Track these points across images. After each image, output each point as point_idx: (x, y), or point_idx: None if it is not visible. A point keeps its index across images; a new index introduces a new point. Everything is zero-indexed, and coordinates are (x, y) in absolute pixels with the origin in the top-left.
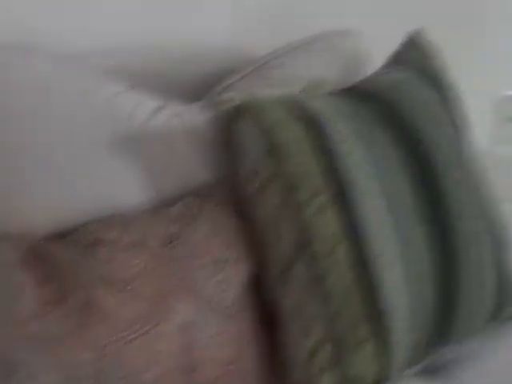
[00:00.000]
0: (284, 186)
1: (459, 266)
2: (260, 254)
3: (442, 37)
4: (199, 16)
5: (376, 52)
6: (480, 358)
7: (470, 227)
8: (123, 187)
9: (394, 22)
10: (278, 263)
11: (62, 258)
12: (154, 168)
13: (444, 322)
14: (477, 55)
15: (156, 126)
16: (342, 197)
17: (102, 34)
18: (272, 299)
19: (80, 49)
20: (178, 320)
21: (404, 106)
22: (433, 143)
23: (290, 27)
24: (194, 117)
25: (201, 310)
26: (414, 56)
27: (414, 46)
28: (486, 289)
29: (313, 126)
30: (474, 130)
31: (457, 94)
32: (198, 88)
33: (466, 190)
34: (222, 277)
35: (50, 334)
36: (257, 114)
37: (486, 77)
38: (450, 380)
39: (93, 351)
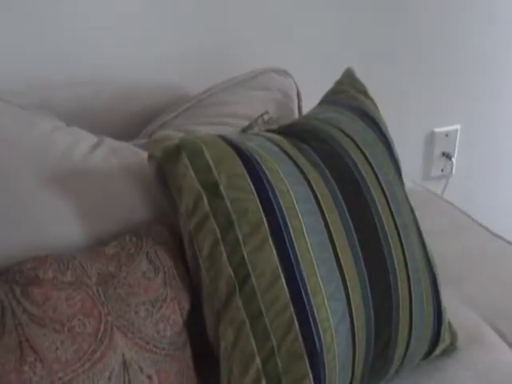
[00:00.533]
0: (222, 223)
1: (398, 303)
2: (198, 292)
3: (373, 75)
4: (131, 52)
5: (307, 91)
6: None
7: (409, 264)
8: (60, 225)
9: (324, 61)
10: (216, 301)
11: None
12: (91, 205)
13: (381, 359)
14: (408, 93)
15: (93, 163)
16: (280, 234)
17: (32, 72)
18: (210, 336)
19: (7, 86)
20: (117, 360)
21: (340, 145)
22: (369, 181)
23: (222, 65)
24: (131, 154)
25: (139, 350)
26: (348, 94)
27: (347, 85)
28: (424, 326)
29: (249, 164)
30: (406, 166)
31: (388, 132)
32: (131, 125)
33: (403, 227)
34: (160, 316)
35: None
36: (194, 152)
37: (417, 114)
38: None
39: None
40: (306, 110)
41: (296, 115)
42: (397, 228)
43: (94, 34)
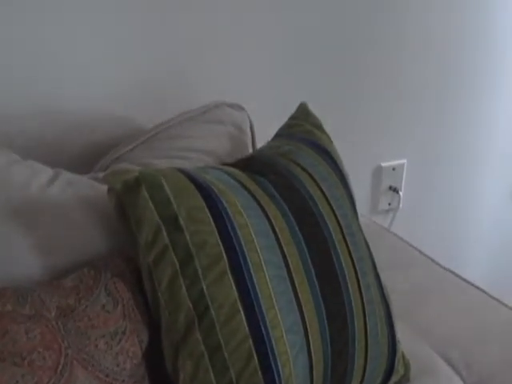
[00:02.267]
0: (181, 256)
1: (354, 335)
2: (157, 324)
3: (322, 109)
4: (86, 83)
5: (259, 125)
6: None
7: (364, 296)
8: (17, 257)
9: (277, 96)
10: (175, 333)
11: None
12: (49, 238)
13: None
14: (355, 128)
15: (50, 196)
16: (239, 267)
17: None
18: (169, 369)
19: None
20: None
21: (297, 178)
22: (326, 214)
23: (175, 98)
24: (88, 187)
25: (99, 383)
26: (302, 128)
27: (301, 119)
28: (379, 357)
29: (208, 197)
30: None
31: (343, 165)
32: (84, 157)
33: (358, 259)
34: (119, 349)
35: None
36: (154, 184)
37: (365, 148)
38: None
39: None
40: (259, 144)
41: (250, 149)
42: (352, 261)
43: (48, 63)
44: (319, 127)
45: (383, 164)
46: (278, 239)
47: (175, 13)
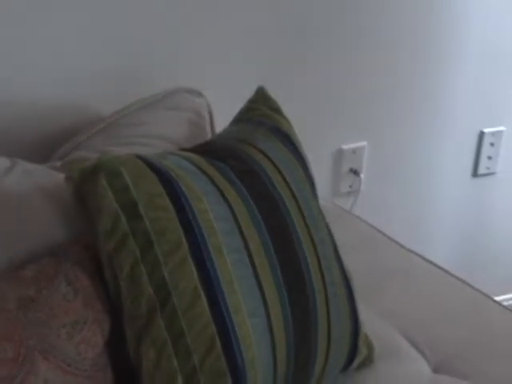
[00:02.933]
0: (142, 243)
1: (316, 317)
2: (119, 312)
3: (281, 92)
4: (41, 72)
5: (219, 109)
6: None
7: (326, 279)
8: None
9: (235, 81)
10: (137, 320)
11: None
12: (7, 228)
13: (301, 373)
14: (315, 110)
15: (7, 186)
16: (199, 253)
17: None
18: (132, 356)
19: None
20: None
21: (256, 162)
22: (286, 197)
23: (134, 85)
24: (46, 176)
25: (61, 373)
26: (261, 112)
27: (260, 103)
28: (342, 338)
29: (168, 183)
30: (315, 182)
31: (302, 149)
32: (42, 146)
33: (320, 242)
34: (81, 338)
35: None
36: (112, 172)
37: (325, 131)
38: None
39: None
40: (218, 128)
41: (209, 134)
42: (314, 243)
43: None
44: (278, 111)
45: (344, 146)
46: (238, 224)
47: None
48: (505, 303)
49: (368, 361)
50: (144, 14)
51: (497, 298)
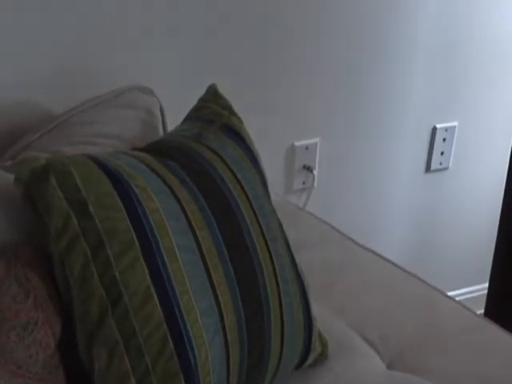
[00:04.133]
0: (93, 243)
1: (269, 314)
2: (70, 314)
3: (233, 89)
4: None
5: (170, 109)
6: None
7: (279, 276)
8: None
9: (186, 79)
10: (88, 321)
11: None
12: None
13: (255, 371)
14: (267, 106)
15: None
16: (151, 252)
17: None
18: (84, 358)
19: None
20: None
21: (208, 161)
22: (238, 196)
23: (84, 84)
24: None
25: (12, 376)
26: (212, 110)
27: (211, 101)
28: (296, 335)
29: (118, 183)
30: (268, 179)
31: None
32: None
33: (272, 240)
34: (32, 340)
35: None
36: (62, 172)
37: (277, 127)
38: None
39: None
40: (170, 127)
41: (161, 133)
42: (266, 241)
43: None
44: (229, 108)
45: (296, 143)
46: (190, 223)
47: None
48: (457, 298)
49: (322, 357)
50: (93, 14)
51: (450, 294)
